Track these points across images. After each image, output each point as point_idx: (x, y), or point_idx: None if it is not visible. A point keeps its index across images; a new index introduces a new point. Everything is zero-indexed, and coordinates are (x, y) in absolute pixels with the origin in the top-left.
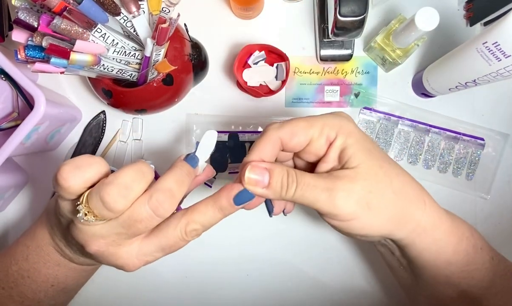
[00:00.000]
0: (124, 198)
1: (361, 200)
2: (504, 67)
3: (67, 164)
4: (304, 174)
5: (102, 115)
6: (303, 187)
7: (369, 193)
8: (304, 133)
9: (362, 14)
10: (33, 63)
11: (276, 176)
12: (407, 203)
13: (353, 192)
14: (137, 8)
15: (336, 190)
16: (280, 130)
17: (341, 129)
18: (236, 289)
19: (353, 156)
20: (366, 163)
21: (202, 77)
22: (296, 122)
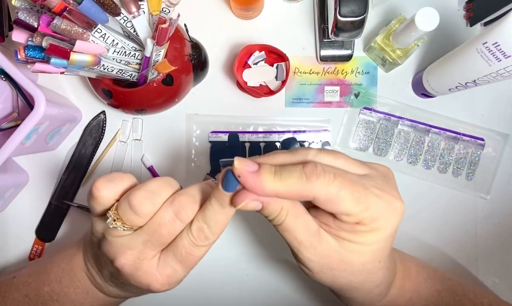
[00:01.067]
0: (150, 202)
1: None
2: (504, 67)
3: (101, 177)
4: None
5: (102, 115)
6: (282, 231)
7: (330, 270)
8: (345, 207)
9: (362, 14)
10: (33, 63)
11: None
12: (354, 289)
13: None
14: (137, 8)
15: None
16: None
17: (376, 224)
18: (236, 289)
19: (355, 246)
20: (355, 256)
21: (202, 77)
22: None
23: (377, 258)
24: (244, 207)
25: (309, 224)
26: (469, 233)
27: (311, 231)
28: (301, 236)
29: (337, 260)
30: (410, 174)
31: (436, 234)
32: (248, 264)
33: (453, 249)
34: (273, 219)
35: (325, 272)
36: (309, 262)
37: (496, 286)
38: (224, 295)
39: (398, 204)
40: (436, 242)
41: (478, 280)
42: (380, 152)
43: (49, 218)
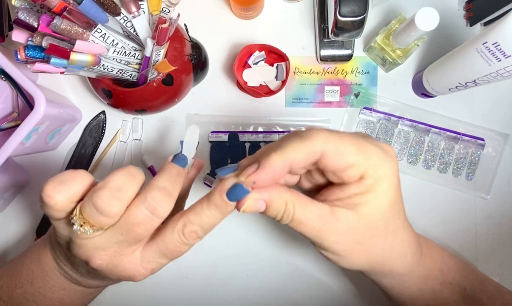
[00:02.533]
0: (118, 200)
1: (347, 247)
2: (504, 67)
3: (49, 181)
4: (302, 211)
5: (102, 115)
6: (296, 225)
7: (358, 244)
8: (349, 158)
9: (362, 14)
10: (33, 63)
11: (273, 211)
12: (390, 258)
13: (344, 240)
14: (137, 8)
15: (328, 234)
16: (327, 142)
17: (378, 173)
18: (236, 289)
19: (368, 205)
20: (374, 219)
21: (202, 77)
22: (346, 140)
23: (395, 213)
24: (248, 209)
25: (320, 209)
26: (469, 233)
27: (325, 214)
28: (317, 223)
29: (361, 230)
30: (410, 174)
31: (436, 234)
32: (248, 264)
33: (453, 249)
34: (282, 217)
35: (356, 251)
36: (336, 245)
37: None
38: (224, 295)
39: (390, 148)
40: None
41: None
42: None
43: None
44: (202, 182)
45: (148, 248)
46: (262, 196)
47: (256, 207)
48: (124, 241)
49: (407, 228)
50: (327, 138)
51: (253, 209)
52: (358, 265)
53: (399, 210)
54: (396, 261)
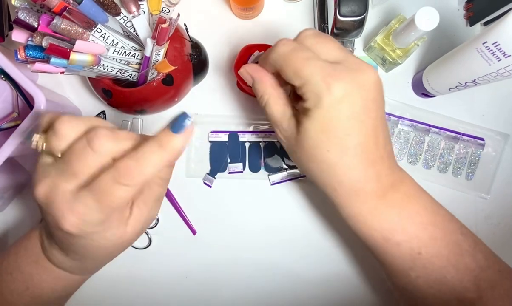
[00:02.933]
0: (70, 125)
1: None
2: (504, 67)
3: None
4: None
5: (102, 115)
6: (264, 110)
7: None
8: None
9: (362, 14)
10: (33, 63)
11: (254, 89)
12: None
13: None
14: (137, 8)
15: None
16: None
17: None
18: (236, 289)
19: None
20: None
21: (202, 77)
22: (289, 62)
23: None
24: (242, 74)
25: (283, 110)
26: None
27: (284, 115)
28: (276, 118)
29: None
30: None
31: None
32: (248, 264)
33: None
34: (259, 99)
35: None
36: (282, 140)
37: None
38: (224, 295)
39: (336, 86)
40: None
41: None
42: None
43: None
44: (202, 182)
45: (82, 189)
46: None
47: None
48: (63, 172)
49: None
50: (280, 54)
51: (243, 75)
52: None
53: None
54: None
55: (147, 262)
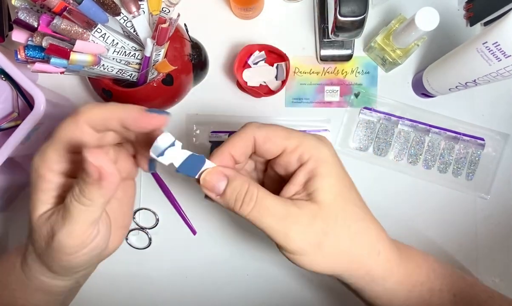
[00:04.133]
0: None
1: (313, 240)
2: (504, 67)
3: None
4: (266, 196)
5: None
6: (260, 210)
7: (324, 235)
8: (279, 142)
9: (362, 14)
10: (33, 63)
11: (234, 187)
12: (360, 251)
13: (309, 231)
14: (137, 8)
15: (292, 224)
16: (257, 130)
17: (316, 155)
18: (236, 289)
19: (320, 190)
20: (330, 203)
21: (202, 77)
22: (276, 128)
23: (350, 198)
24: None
25: (282, 200)
26: (469, 233)
27: (288, 204)
28: (281, 209)
29: (322, 218)
30: (410, 174)
31: (436, 234)
32: (248, 264)
33: (453, 249)
34: (244, 200)
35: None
36: (302, 241)
37: (496, 286)
38: (224, 295)
39: (322, 136)
40: (436, 242)
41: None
42: (380, 152)
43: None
44: None
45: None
46: (225, 170)
47: (218, 179)
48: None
49: (372, 220)
50: (257, 127)
51: (213, 181)
52: (328, 264)
53: (354, 196)
54: (369, 257)
55: (147, 262)
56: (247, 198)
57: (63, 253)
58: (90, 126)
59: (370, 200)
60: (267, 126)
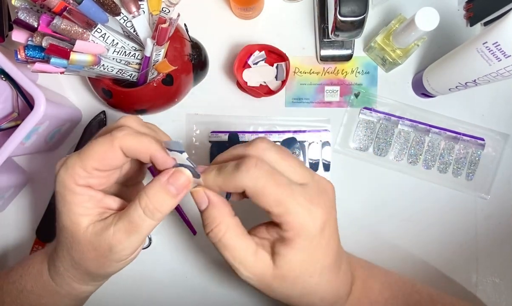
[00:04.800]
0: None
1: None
2: (504, 67)
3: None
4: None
5: (102, 115)
6: (220, 247)
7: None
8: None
9: (362, 14)
10: (33, 63)
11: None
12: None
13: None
14: (137, 8)
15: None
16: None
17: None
18: (236, 289)
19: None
20: (285, 273)
21: (202, 77)
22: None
23: (307, 272)
24: (195, 193)
25: (247, 243)
26: (469, 233)
27: (249, 250)
28: (239, 254)
29: (272, 277)
30: (410, 174)
31: (436, 234)
32: None
33: (453, 249)
34: (212, 231)
35: (265, 290)
36: (248, 280)
37: (496, 286)
38: (224, 295)
39: (318, 215)
40: (436, 242)
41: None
42: (380, 152)
43: (49, 218)
44: None
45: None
46: (209, 194)
47: (201, 198)
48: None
49: (324, 285)
50: (253, 178)
51: (199, 197)
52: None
53: (313, 270)
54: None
55: (147, 262)
56: (213, 233)
57: (115, 261)
58: (123, 152)
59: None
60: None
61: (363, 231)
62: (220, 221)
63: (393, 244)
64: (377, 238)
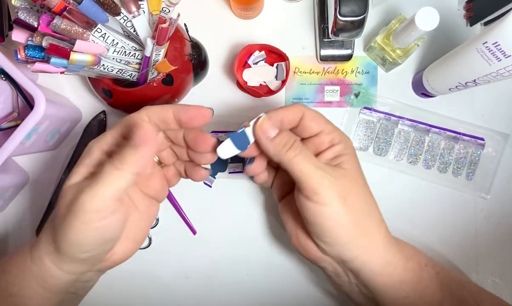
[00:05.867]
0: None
1: (341, 193)
2: (504, 67)
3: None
4: (308, 150)
5: (102, 115)
6: (304, 157)
7: (350, 192)
8: (322, 124)
9: (362, 14)
10: (33, 63)
11: (284, 135)
12: (370, 219)
13: (339, 183)
14: (137, 8)
15: (326, 174)
16: (306, 109)
17: (345, 142)
18: (236, 289)
19: (347, 161)
20: (356, 171)
21: (202, 77)
22: (319, 114)
23: (364, 178)
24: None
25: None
26: (469, 233)
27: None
28: (319, 162)
29: (348, 180)
30: (410, 174)
31: (436, 234)
32: (248, 264)
33: (453, 249)
34: (293, 146)
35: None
36: (334, 186)
37: (496, 286)
38: (224, 295)
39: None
40: (436, 242)
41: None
42: (380, 152)
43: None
44: (202, 182)
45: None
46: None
47: (271, 127)
48: None
49: (376, 206)
50: (306, 107)
51: (269, 125)
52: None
53: (365, 181)
54: (375, 226)
55: (147, 262)
56: (294, 146)
57: (80, 220)
58: (149, 118)
59: None
60: (312, 109)
61: None
62: (296, 138)
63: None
64: None
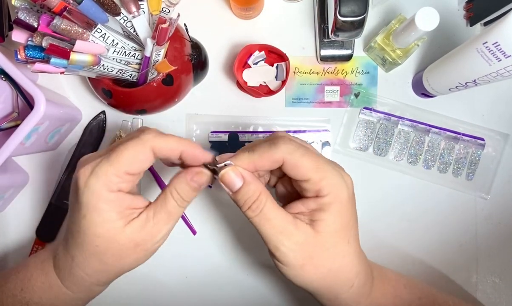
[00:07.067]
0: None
1: (299, 259)
2: (504, 67)
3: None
4: (271, 208)
5: (102, 115)
6: (262, 219)
7: (310, 259)
8: (307, 173)
9: (362, 14)
10: (33, 63)
11: (246, 191)
12: (335, 282)
13: (298, 250)
14: (137, 8)
15: (286, 240)
16: (288, 155)
17: (334, 194)
18: (236, 289)
19: (323, 223)
20: (326, 236)
21: (202, 77)
22: (307, 155)
23: (345, 237)
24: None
25: (285, 215)
26: (469, 233)
27: (289, 220)
28: (281, 223)
29: (314, 245)
30: (410, 174)
31: (436, 234)
32: (248, 264)
33: (453, 249)
34: (252, 206)
35: (307, 265)
36: (291, 254)
37: (496, 286)
38: (224, 295)
39: (347, 177)
40: (436, 242)
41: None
42: (380, 152)
43: (49, 218)
44: None
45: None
46: (243, 172)
47: (237, 176)
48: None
49: (358, 257)
50: (291, 150)
51: (231, 178)
52: (306, 281)
53: (349, 236)
54: (342, 287)
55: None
56: (254, 206)
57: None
58: (153, 153)
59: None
60: (301, 152)
61: (363, 230)
62: (260, 192)
63: (393, 244)
64: (377, 238)
